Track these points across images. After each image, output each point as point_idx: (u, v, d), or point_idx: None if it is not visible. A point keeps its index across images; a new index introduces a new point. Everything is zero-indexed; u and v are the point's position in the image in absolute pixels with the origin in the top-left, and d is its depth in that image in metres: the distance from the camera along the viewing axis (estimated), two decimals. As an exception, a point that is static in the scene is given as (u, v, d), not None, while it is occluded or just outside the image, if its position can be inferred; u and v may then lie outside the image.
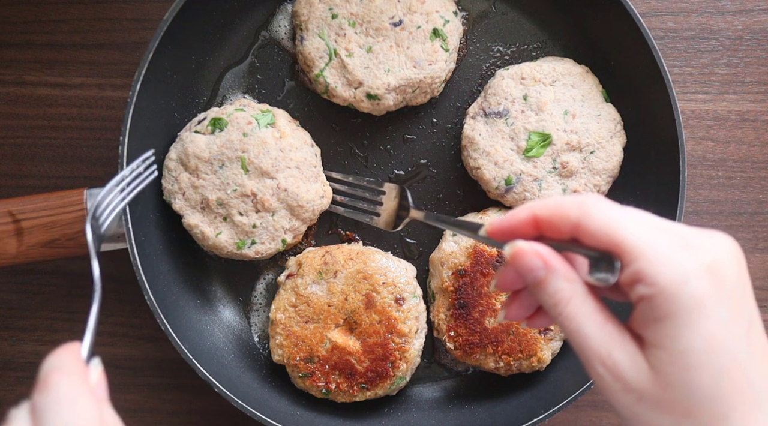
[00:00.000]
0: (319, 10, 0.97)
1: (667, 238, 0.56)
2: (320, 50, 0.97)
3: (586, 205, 0.58)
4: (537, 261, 0.58)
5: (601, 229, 0.57)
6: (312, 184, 0.97)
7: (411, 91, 0.98)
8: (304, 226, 0.98)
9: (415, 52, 0.97)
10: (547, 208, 0.60)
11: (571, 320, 0.58)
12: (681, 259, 0.55)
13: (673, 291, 0.54)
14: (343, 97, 0.98)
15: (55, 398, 0.55)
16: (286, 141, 0.95)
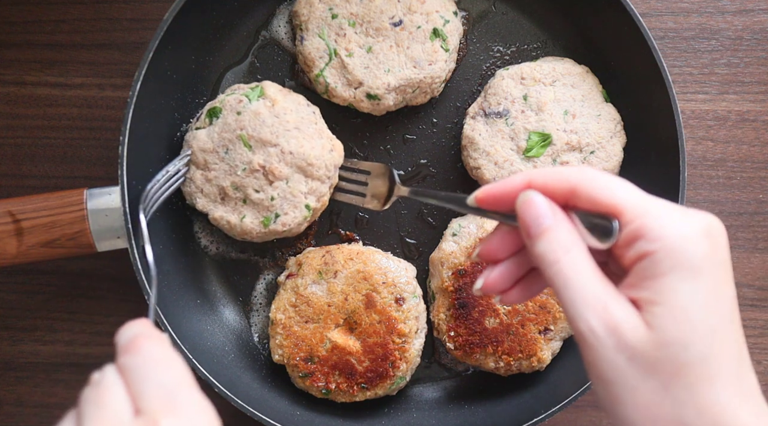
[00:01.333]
0: (319, 10, 0.97)
1: (664, 203, 0.58)
2: (320, 50, 0.97)
3: (582, 170, 0.60)
4: (546, 209, 0.59)
5: (600, 191, 0.58)
6: (317, 141, 0.94)
7: (411, 91, 0.98)
8: (323, 185, 0.95)
9: (415, 52, 0.97)
10: (543, 174, 0.61)
11: (570, 270, 0.58)
12: (683, 219, 0.57)
13: (677, 246, 0.55)
14: (343, 97, 0.98)
15: (149, 359, 0.55)
16: (279, 106, 0.94)
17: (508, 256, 0.66)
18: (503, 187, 0.62)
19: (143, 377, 0.55)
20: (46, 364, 1.05)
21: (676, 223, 0.56)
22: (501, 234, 0.66)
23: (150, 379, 0.54)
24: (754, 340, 1.06)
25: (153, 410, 0.53)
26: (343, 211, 1.04)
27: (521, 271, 0.66)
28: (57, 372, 1.05)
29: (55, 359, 1.05)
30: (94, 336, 1.05)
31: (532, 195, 0.60)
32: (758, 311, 1.06)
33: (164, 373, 0.55)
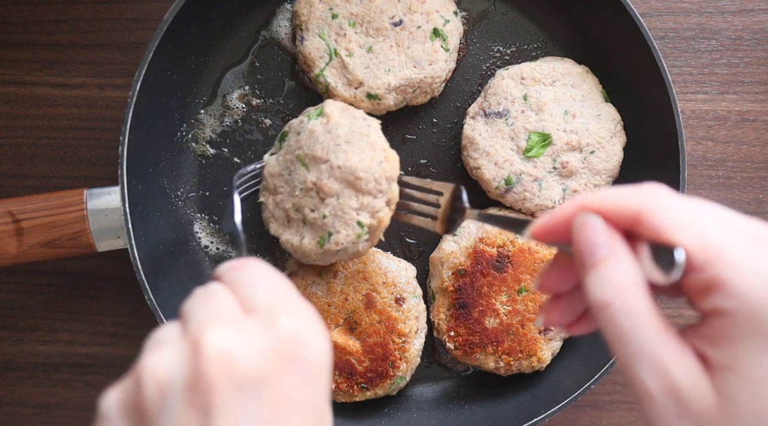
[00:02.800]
0: (319, 10, 0.97)
1: (748, 240, 0.48)
2: (320, 50, 0.97)
3: (647, 194, 0.50)
4: (603, 236, 0.51)
5: (666, 224, 0.49)
6: (366, 153, 0.88)
7: (411, 91, 0.98)
8: (376, 200, 0.88)
9: (416, 52, 0.97)
10: (600, 199, 0.52)
11: (622, 318, 0.49)
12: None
13: (761, 307, 0.46)
14: (344, 97, 0.98)
15: (254, 272, 0.54)
16: (333, 121, 0.90)
17: (572, 287, 0.58)
18: (557, 217, 0.54)
19: (252, 285, 0.53)
20: (46, 364, 1.05)
21: (759, 277, 0.46)
22: (561, 263, 0.57)
23: (259, 286, 0.53)
24: (754, 340, 1.06)
25: (269, 306, 0.51)
26: (343, 211, 1.04)
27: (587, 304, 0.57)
28: (57, 372, 1.05)
29: (55, 359, 1.05)
30: (94, 336, 1.05)
31: (588, 219, 0.52)
32: (758, 311, 1.06)
33: (272, 281, 0.54)
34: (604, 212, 0.52)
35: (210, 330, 0.48)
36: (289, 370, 0.49)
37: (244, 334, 0.49)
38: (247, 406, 0.47)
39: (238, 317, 0.51)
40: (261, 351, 0.48)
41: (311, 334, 0.50)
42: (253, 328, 0.49)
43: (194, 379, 0.47)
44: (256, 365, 0.47)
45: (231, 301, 0.52)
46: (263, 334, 0.49)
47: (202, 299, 0.53)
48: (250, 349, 0.48)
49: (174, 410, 0.47)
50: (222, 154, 1.03)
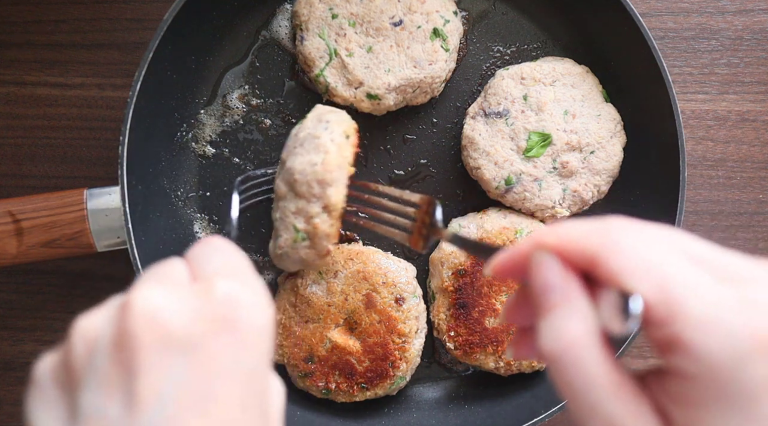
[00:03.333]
0: (319, 10, 0.97)
1: (716, 287, 0.43)
2: (320, 50, 0.97)
3: (607, 237, 0.45)
4: (557, 279, 0.47)
5: (625, 266, 0.44)
6: (307, 156, 0.84)
7: (411, 91, 0.98)
8: (311, 205, 0.84)
9: (416, 52, 0.97)
10: (557, 237, 0.48)
11: (574, 374, 0.45)
12: (737, 325, 0.41)
13: (725, 374, 0.42)
14: (344, 97, 0.98)
15: (214, 247, 0.53)
16: (303, 124, 0.90)
17: None
18: (515, 255, 0.50)
19: (206, 258, 0.52)
20: (46, 364, 1.05)
21: (728, 339, 0.41)
22: (525, 297, 0.53)
23: (212, 258, 0.52)
24: (754, 340, 1.06)
25: (211, 273, 0.50)
26: (343, 211, 1.04)
27: None
28: (57, 372, 1.05)
29: (55, 359, 1.05)
30: (94, 336, 1.05)
31: (543, 259, 0.48)
32: (758, 311, 1.06)
33: (227, 254, 0.53)
34: (562, 252, 0.48)
35: (140, 290, 0.47)
36: (223, 334, 0.46)
37: (176, 295, 0.47)
38: (174, 367, 0.45)
39: (178, 282, 0.50)
40: (192, 312, 0.46)
41: (251, 300, 0.48)
42: (190, 291, 0.48)
43: (119, 335, 0.45)
44: (186, 326, 0.46)
45: (180, 270, 0.51)
46: (198, 297, 0.48)
47: (155, 268, 0.51)
48: (180, 309, 0.46)
49: (99, 368, 0.45)
50: (222, 154, 1.03)
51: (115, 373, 0.45)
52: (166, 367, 0.45)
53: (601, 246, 0.45)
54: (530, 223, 0.98)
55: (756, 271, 0.44)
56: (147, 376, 0.44)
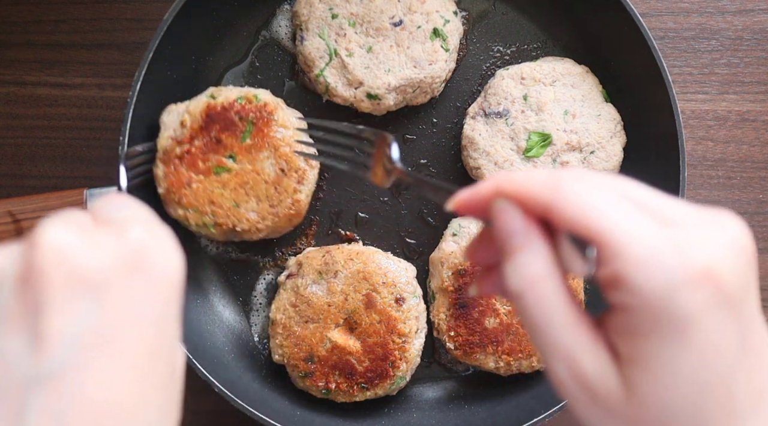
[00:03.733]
0: (319, 10, 0.97)
1: (655, 230, 0.47)
2: (320, 50, 0.97)
3: (559, 186, 0.49)
4: (518, 225, 0.50)
5: (574, 217, 0.48)
6: None
7: (411, 91, 0.98)
8: None
9: (416, 52, 0.97)
10: (516, 186, 0.51)
11: (537, 308, 0.49)
12: (671, 262, 0.46)
13: (658, 304, 0.46)
14: (344, 96, 0.98)
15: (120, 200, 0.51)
16: None
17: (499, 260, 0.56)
18: (477, 195, 0.53)
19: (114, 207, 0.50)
20: (46, 364, 1.05)
21: (661, 272, 0.45)
22: (487, 237, 0.56)
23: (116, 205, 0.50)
24: (754, 340, 1.06)
25: (123, 219, 0.48)
26: (343, 211, 1.04)
27: None
28: (57, 372, 1.05)
29: (55, 359, 1.05)
30: (94, 336, 1.05)
31: (504, 206, 0.51)
32: (758, 311, 1.06)
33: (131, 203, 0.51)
34: (520, 199, 0.51)
35: (47, 229, 0.45)
36: (135, 279, 0.45)
37: (86, 236, 0.46)
38: (82, 307, 0.43)
39: (85, 226, 0.47)
40: (103, 253, 0.45)
41: (163, 248, 0.47)
42: (100, 234, 0.46)
43: (26, 271, 0.43)
44: (97, 265, 0.44)
45: (85, 216, 0.49)
46: (109, 240, 0.46)
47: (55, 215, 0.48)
48: (90, 248, 0.45)
49: (4, 303, 0.43)
50: (222, 154, 1.03)
51: (19, 311, 0.43)
52: (75, 306, 0.43)
53: (553, 196, 0.49)
54: (530, 223, 0.98)
55: (689, 216, 0.48)
56: (54, 315, 0.43)
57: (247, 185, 0.95)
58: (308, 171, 0.97)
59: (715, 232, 0.48)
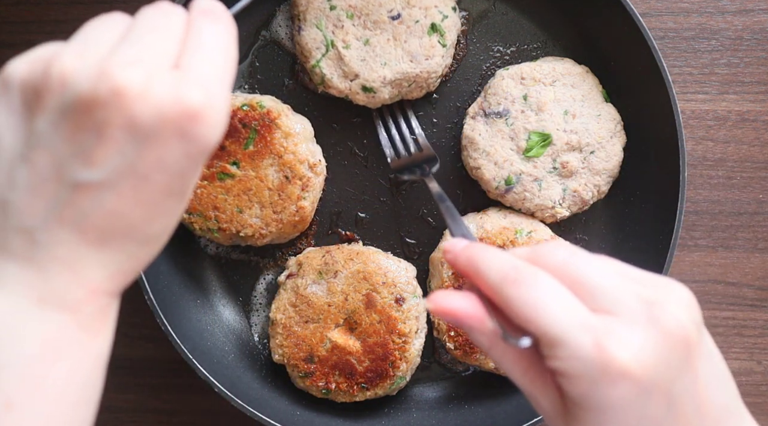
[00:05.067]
0: (318, 1, 0.97)
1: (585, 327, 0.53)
2: (317, 41, 0.97)
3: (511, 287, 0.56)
4: (451, 318, 0.59)
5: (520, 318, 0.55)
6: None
7: (407, 85, 0.98)
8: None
9: (413, 47, 0.97)
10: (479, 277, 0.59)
11: (497, 363, 0.61)
12: (594, 361, 0.52)
13: (586, 394, 0.53)
14: (339, 88, 0.98)
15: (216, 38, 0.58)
16: None
17: None
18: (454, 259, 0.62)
19: (200, 44, 0.55)
20: (46, 364, 1.05)
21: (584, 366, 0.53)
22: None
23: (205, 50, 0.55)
24: (753, 340, 1.06)
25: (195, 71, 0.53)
26: (343, 211, 1.04)
27: None
28: (57, 372, 1.05)
29: (55, 359, 1.05)
30: (94, 336, 1.05)
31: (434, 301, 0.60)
32: (758, 311, 1.06)
33: (222, 54, 0.56)
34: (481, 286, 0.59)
35: (133, 65, 0.51)
36: (176, 141, 0.51)
37: (156, 80, 0.51)
38: (128, 147, 0.51)
39: (164, 67, 0.53)
40: (162, 108, 0.51)
41: (212, 120, 0.53)
42: (167, 80, 0.52)
43: (94, 97, 0.50)
44: (151, 119, 0.50)
45: (171, 51, 0.54)
46: (171, 90, 0.51)
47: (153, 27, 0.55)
48: (153, 100, 0.50)
49: (68, 112, 0.51)
50: (222, 154, 1.03)
51: (80, 129, 0.51)
52: (122, 145, 0.51)
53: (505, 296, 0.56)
54: (530, 223, 0.98)
55: (624, 303, 0.54)
56: (105, 145, 0.51)
57: (250, 191, 0.96)
58: (313, 178, 0.97)
59: (644, 322, 0.54)
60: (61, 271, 0.52)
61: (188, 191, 0.56)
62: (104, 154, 0.51)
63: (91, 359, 0.55)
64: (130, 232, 0.54)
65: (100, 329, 0.55)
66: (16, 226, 0.52)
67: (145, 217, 0.54)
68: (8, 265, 0.52)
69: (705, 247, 1.07)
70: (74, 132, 0.51)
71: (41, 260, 0.52)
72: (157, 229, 0.55)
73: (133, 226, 0.54)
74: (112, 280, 0.55)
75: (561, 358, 0.53)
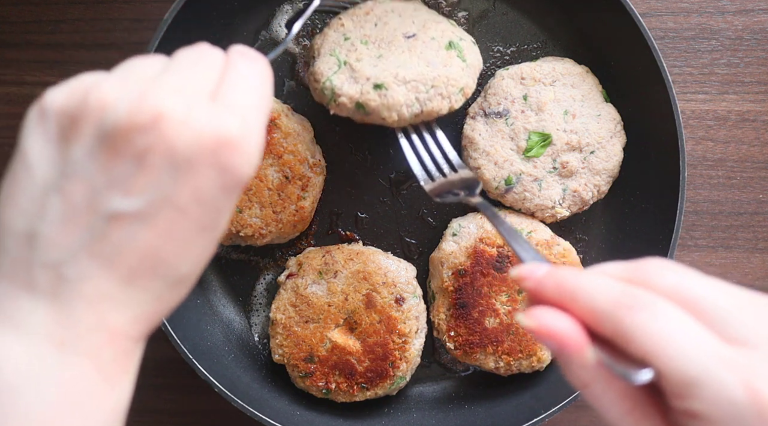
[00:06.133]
0: (333, 37, 0.94)
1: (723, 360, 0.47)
2: (329, 64, 0.92)
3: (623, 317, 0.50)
4: (551, 343, 0.52)
5: (642, 354, 0.49)
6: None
7: (425, 91, 0.90)
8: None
9: (429, 56, 0.92)
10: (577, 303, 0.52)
11: (593, 403, 0.54)
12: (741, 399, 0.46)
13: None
14: (350, 94, 0.89)
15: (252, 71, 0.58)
16: None
17: None
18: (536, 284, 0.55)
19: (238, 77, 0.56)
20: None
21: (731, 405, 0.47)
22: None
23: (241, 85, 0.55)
24: (754, 340, 1.06)
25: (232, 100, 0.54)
26: (343, 211, 1.04)
27: None
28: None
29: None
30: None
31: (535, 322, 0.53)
32: (758, 311, 1.06)
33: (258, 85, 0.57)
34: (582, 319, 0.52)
35: (174, 93, 0.51)
36: (213, 172, 0.52)
37: (195, 110, 0.51)
38: (164, 177, 0.51)
39: (203, 96, 0.53)
40: (200, 138, 0.51)
41: (248, 152, 0.53)
42: (206, 108, 0.52)
43: (134, 122, 0.50)
44: (189, 151, 0.50)
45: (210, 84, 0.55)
46: (210, 120, 0.51)
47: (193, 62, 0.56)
48: (192, 128, 0.51)
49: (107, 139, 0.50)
50: (222, 154, 1.03)
51: (117, 156, 0.50)
52: (160, 174, 0.50)
53: (618, 329, 0.50)
54: (530, 223, 0.98)
55: (757, 334, 0.49)
56: (144, 176, 0.50)
57: (250, 191, 0.96)
58: (313, 178, 0.97)
59: None
60: (85, 312, 0.51)
61: (220, 228, 0.55)
62: (143, 182, 0.50)
63: (107, 409, 0.53)
64: (161, 269, 0.52)
65: (120, 377, 0.54)
66: (43, 261, 0.50)
67: (176, 253, 0.52)
68: (32, 303, 0.50)
69: (705, 247, 1.07)
70: (112, 159, 0.50)
71: (66, 298, 0.50)
72: (187, 268, 0.54)
73: (164, 263, 0.52)
74: (136, 323, 0.53)
75: (701, 399, 0.47)
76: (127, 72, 0.54)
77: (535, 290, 0.55)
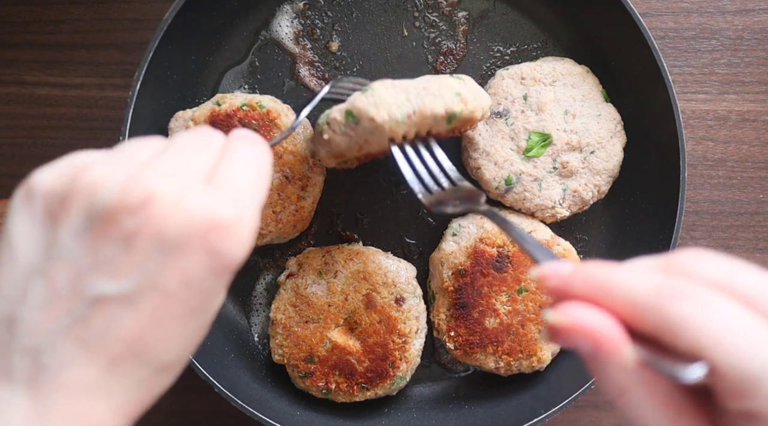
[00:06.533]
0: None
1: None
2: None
3: (664, 309, 0.45)
4: (585, 343, 0.46)
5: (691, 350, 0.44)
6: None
7: (415, 92, 0.81)
8: None
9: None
10: (612, 298, 0.47)
11: (632, 413, 0.48)
12: None
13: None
14: (339, 109, 0.82)
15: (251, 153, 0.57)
16: None
17: None
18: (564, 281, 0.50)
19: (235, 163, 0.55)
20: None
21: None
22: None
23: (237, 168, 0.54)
24: (754, 340, 1.06)
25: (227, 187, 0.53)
26: (343, 211, 1.04)
27: None
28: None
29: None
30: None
31: (565, 321, 0.47)
32: (758, 311, 1.06)
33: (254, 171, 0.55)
34: (619, 316, 0.47)
35: (166, 175, 0.50)
36: (202, 256, 0.50)
37: (190, 195, 0.50)
38: (153, 259, 0.49)
39: (197, 179, 0.52)
40: (189, 222, 0.50)
41: (238, 237, 0.52)
42: (198, 193, 0.51)
43: (124, 203, 0.49)
44: (178, 234, 0.49)
45: (205, 167, 0.54)
46: (203, 203, 0.50)
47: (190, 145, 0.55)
48: (182, 213, 0.49)
49: (96, 221, 0.49)
50: (222, 154, 1.03)
51: (105, 238, 0.49)
52: (149, 256, 0.49)
53: (660, 323, 0.45)
54: (530, 223, 0.98)
55: None
56: (132, 258, 0.49)
57: None
58: (312, 178, 0.97)
59: None
60: (63, 403, 0.48)
61: (209, 314, 0.53)
62: (130, 265, 0.48)
63: None
64: (145, 355, 0.50)
65: None
66: (22, 346, 0.48)
67: (163, 338, 0.50)
68: (8, 392, 0.48)
69: (705, 248, 1.07)
70: (99, 241, 0.49)
71: (44, 389, 0.48)
72: (174, 354, 0.51)
73: (150, 348, 0.50)
74: (117, 413, 0.50)
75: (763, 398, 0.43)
76: (122, 153, 0.53)
77: (561, 288, 0.49)
